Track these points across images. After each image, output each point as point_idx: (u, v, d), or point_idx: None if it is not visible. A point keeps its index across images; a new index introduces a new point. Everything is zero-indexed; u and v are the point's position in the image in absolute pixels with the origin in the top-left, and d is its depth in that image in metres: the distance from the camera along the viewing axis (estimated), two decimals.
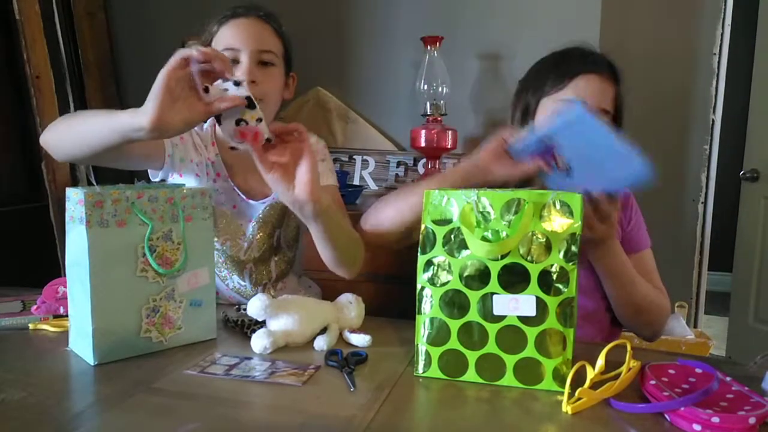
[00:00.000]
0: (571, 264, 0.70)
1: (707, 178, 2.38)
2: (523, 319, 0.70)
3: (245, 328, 0.85)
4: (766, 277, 2.37)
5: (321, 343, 0.81)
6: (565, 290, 0.70)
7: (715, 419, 0.57)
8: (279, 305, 0.83)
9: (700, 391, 0.60)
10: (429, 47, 1.76)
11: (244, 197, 1.07)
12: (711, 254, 2.44)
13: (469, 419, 0.63)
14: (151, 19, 2.10)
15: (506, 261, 0.71)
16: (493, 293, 0.71)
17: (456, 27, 1.86)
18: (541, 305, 0.70)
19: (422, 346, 0.74)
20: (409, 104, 1.91)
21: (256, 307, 0.80)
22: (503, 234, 0.72)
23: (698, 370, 0.71)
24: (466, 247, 0.73)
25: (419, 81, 1.77)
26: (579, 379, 0.65)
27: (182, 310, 0.82)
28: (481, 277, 0.72)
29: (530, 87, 1.02)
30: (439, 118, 1.74)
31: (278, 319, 0.81)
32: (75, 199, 0.74)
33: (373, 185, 1.94)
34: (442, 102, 1.75)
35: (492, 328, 0.71)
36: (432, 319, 0.74)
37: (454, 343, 0.73)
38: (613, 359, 0.66)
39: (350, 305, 0.88)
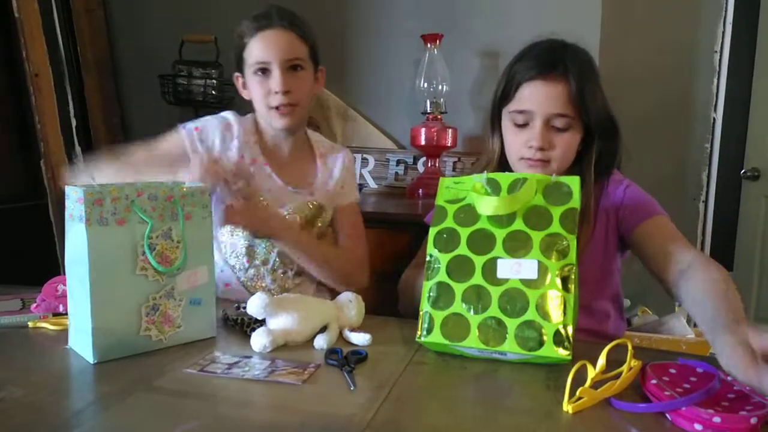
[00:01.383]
0: (570, 234, 0.75)
1: (708, 176, 2.38)
2: (525, 282, 0.73)
3: (245, 326, 0.85)
4: (767, 276, 2.37)
5: (321, 342, 0.81)
6: (566, 256, 0.74)
7: (717, 419, 0.57)
8: (279, 304, 0.82)
9: (702, 391, 0.59)
10: (429, 45, 1.76)
11: (280, 182, 1.13)
12: (712, 253, 2.44)
13: (470, 418, 0.62)
14: (150, 17, 2.09)
15: (511, 228, 0.76)
16: (497, 257, 0.75)
17: (456, 25, 1.85)
18: (542, 269, 0.73)
19: (426, 311, 0.77)
20: (409, 102, 1.91)
21: (255, 305, 0.80)
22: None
23: (699, 370, 0.71)
24: (476, 221, 0.78)
25: (419, 79, 1.76)
26: (580, 379, 0.65)
27: (182, 308, 0.82)
28: (487, 244, 0.77)
29: (494, 96, 1.02)
30: (439, 116, 1.74)
31: (278, 317, 0.81)
32: (74, 197, 0.74)
33: (372, 184, 1.93)
34: (442, 100, 1.75)
35: (495, 291, 0.74)
36: (438, 284, 0.77)
37: (457, 306, 0.76)
38: (614, 358, 0.66)
39: (350, 304, 0.88)
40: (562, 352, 0.70)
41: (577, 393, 0.63)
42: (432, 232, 0.81)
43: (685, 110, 2.36)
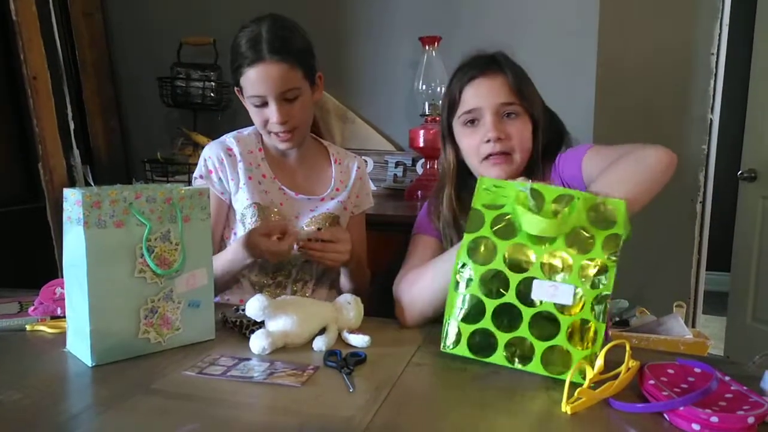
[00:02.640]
0: (611, 261, 0.72)
1: (705, 178, 2.39)
2: (559, 308, 0.72)
3: (244, 328, 0.85)
4: (764, 277, 2.37)
5: (320, 344, 0.81)
6: (603, 285, 0.72)
7: (714, 419, 0.57)
8: (277, 306, 0.82)
9: (699, 391, 0.60)
10: (427, 47, 1.76)
11: (292, 193, 1.14)
12: (709, 254, 2.45)
13: (469, 419, 0.62)
14: (149, 20, 2.09)
15: (551, 248, 0.73)
16: (533, 278, 0.73)
17: (454, 27, 1.86)
18: (578, 296, 0.71)
19: (453, 323, 0.76)
20: (408, 104, 1.91)
21: (254, 307, 0.80)
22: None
23: (697, 370, 0.71)
24: (514, 234, 0.75)
25: (417, 81, 1.77)
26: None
27: (180, 310, 0.82)
28: (524, 262, 0.74)
29: (441, 114, 1.06)
30: (437, 118, 1.74)
31: (277, 319, 0.81)
32: (72, 199, 0.74)
33: (371, 186, 1.93)
34: (440, 102, 1.75)
35: (527, 312, 0.73)
36: (469, 297, 0.76)
37: (486, 322, 0.74)
38: (612, 359, 0.66)
39: (349, 305, 0.88)
40: (583, 378, 0.68)
41: (576, 393, 0.64)
42: (467, 238, 0.77)
43: (682, 112, 2.36)
